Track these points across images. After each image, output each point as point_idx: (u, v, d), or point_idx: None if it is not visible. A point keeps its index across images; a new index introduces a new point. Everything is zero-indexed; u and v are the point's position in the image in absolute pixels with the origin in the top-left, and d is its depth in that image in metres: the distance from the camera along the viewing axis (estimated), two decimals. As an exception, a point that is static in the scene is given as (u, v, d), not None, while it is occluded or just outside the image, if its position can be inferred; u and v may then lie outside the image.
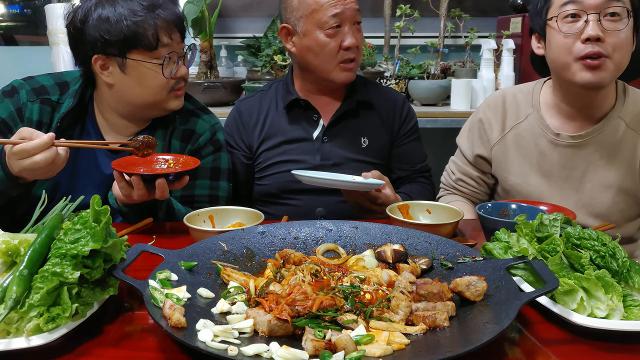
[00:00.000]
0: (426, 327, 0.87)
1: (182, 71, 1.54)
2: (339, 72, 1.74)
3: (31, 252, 0.89)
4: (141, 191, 1.34)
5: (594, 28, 1.42)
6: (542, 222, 1.09)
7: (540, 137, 1.64)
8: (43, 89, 1.57)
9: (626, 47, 1.45)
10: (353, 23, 1.71)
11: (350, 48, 1.70)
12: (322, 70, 1.74)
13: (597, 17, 1.42)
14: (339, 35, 1.69)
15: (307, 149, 1.80)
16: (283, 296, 0.91)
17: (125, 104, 1.57)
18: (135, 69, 1.48)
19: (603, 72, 1.45)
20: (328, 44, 1.69)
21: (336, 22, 1.68)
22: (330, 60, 1.71)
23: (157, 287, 0.91)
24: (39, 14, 3.53)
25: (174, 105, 1.57)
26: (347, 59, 1.72)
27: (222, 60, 3.30)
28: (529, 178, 1.67)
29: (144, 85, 1.50)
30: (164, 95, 1.53)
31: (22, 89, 1.56)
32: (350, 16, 1.69)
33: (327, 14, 1.67)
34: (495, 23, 3.15)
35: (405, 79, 2.77)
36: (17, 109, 1.54)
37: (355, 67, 1.76)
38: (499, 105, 1.73)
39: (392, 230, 1.21)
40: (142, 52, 1.46)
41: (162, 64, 1.47)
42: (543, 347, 0.86)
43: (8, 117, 1.53)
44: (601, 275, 0.92)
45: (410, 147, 1.91)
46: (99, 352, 0.84)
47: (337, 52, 1.71)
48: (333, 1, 1.67)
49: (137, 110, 1.58)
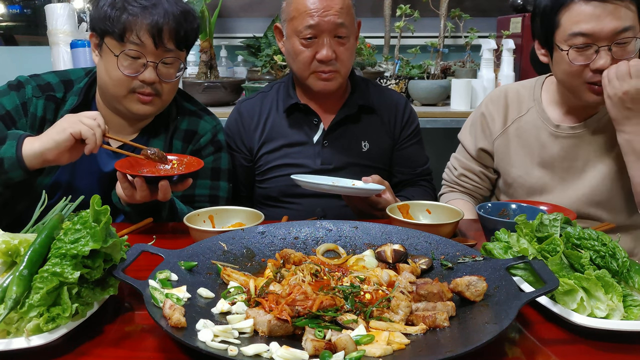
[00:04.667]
0: (426, 327, 0.87)
1: (146, 75, 1.48)
2: (315, 81, 1.72)
3: (31, 252, 0.89)
4: (144, 192, 1.35)
5: (605, 59, 1.44)
6: (542, 222, 1.09)
7: (542, 130, 1.66)
8: (48, 86, 1.58)
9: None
10: (333, 36, 1.66)
11: (325, 61, 1.67)
12: (299, 75, 1.75)
13: (608, 47, 1.44)
14: (314, 46, 1.66)
15: (307, 153, 1.79)
16: (283, 296, 0.91)
17: (102, 92, 1.58)
18: (106, 54, 1.49)
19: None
20: (302, 53, 1.68)
21: (311, 34, 1.65)
22: (304, 68, 1.70)
23: (157, 287, 0.91)
24: (39, 14, 3.54)
25: (135, 108, 1.53)
26: (321, 70, 1.69)
27: (222, 60, 3.30)
28: (531, 170, 1.68)
29: (108, 74, 1.50)
30: (124, 92, 1.51)
31: (29, 84, 1.57)
32: (327, 29, 1.64)
33: (303, 23, 1.64)
34: (495, 23, 3.16)
35: (405, 79, 2.77)
36: (22, 103, 1.54)
37: (334, 77, 1.71)
38: (501, 99, 1.75)
39: (392, 230, 1.21)
40: (112, 40, 1.47)
41: (117, 56, 1.46)
42: (543, 347, 0.86)
43: (13, 110, 1.53)
44: (601, 275, 0.92)
45: (412, 150, 1.90)
46: (99, 352, 0.84)
47: (311, 63, 1.68)
48: (311, 11, 1.63)
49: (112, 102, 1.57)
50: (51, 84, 1.59)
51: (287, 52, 1.75)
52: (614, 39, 1.43)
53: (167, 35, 1.48)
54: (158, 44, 1.47)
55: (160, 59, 1.49)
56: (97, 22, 1.49)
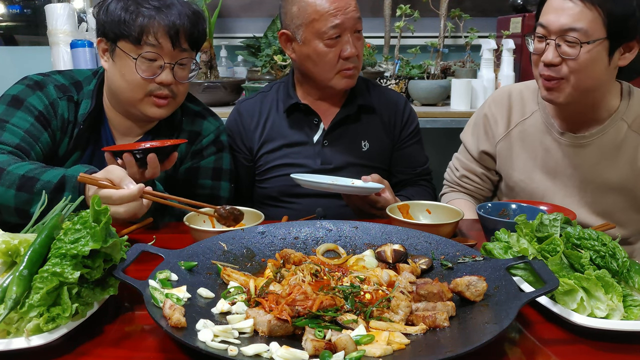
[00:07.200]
0: (426, 327, 0.87)
1: (163, 77, 1.49)
2: (339, 80, 1.72)
3: (31, 252, 0.89)
4: (133, 169, 1.34)
5: (551, 54, 1.44)
6: (542, 222, 1.09)
7: (545, 135, 1.65)
8: (64, 86, 1.57)
9: (585, 70, 1.43)
10: (353, 32, 1.68)
11: (350, 58, 1.68)
12: (321, 78, 1.73)
13: (556, 42, 1.43)
14: (339, 45, 1.67)
15: (307, 153, 1.79)
16: (283, 296, 0.91)
17: (113, 96, 1.57)
18: (121, 58, 1.49)
19: (558, 93, 1.49)
20: (327, 54, 1.67)
21: (336, 33, 1.65)
22: (330, 69, 1.70)
23: (157, 287, 0.90)
24: (39, 14, 3.53)
25: (151, 111, 1.53)
26: (346, 68, 1.70)
27: (222, 60, 3.30)
28: (533, 175, 1.67)
29: (124, 78, 1.50)
30: (140, 95, 1.50)
31: (49, 83, 1.55)
32: (350, 26, 1.66)
33: (327, 24, 1.63)
34: (495, 23, 3.16)
35: (405, 79, 2.77)
36: (50, 103, 1.53)
37: (355, 74, 1.74)
38: (504, 101, 1.73)
39: (392, 230, 1.21)
40: (128, 43, 1.46)
41: (135, 59, 1.46)
42: (543, 347, 0.86)
43: (45, 110, 1.52)
44: (601, 275, 0.92)
45: (412, 150, 1.90)
46: (99, 352, 0.84)
47: (337, 62, 1.69)
48: (333, 11, 1.63)
49: (124, 106, 1.57)
50: (66, 85, 1.58)
51: (306, 56, 1.71)
52: (561, 34, 1.42)
53: (183, 36, 1.49)
54: (175, 44, 1.47)
55: (176, 60, 1.50)
56: (109, 27, 1.47)
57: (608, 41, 1.41)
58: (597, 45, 1.40)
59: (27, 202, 1.30)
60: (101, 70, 1.62)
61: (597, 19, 1.39)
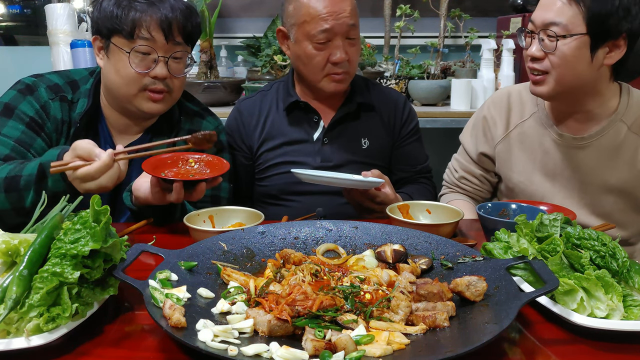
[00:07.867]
0: (426, 327, 0.87)
1: (157, 71, 1.49)
2: (328, 83, 1.72)
3: (31, 252, 0.89)
4: (180, 195, 1.34)
5: (535, 47, 1.48)
6: (542, 222, 1.09)
7: (545, 136, 1.65)
8: (57, 86, 1.57)
9: (565, 65, 1.45)
10: (345, 37, 1.67)
11: (339, 63, 1.67)
12: (310, 79, 1.74)
13: (539, 37, 1.46)
14: (328, 49, 1.66)
15: (307, 151, 1.80)
16: (283, 296, 0.91)
17: (109, 93, 1.57)
18: (115, 54, 1.49)
19: (542, 86, 1.51)
20: (315, 57, 1.67)
21: (325, 38, 1.64)
22: (317, 71, 1.70)
23: (157, 287, 0.90)
24: (39, 14, 3.54)
25: (146, 107, 1.53)
26: (334, 73, 1.69)
27: (222, 60, 3.30)
28: (533, 177, 1.67)
29: (118, 73, 1.50)
30: (135, 90, 1.50)
31: (39, 86, 1.55)
32: (341, 32, 1.65)
33: (316, 27, 1.63)
34: (495, 23, 3.16)
35: (405, 79, 2.77)
36: (41, 107, 1.53)
37: (345, 78, 1.73)
38: (503, 103, 1.73)
39: (392, 230, 1.21)
40: (121, 38, 1.47)
41: (128, 53, 1.46)
42: (543, 347, 0.86)
43: (36, 115, 1.52)
44: (601, 275, 0.92)
45: (411, 148, 1.90)
46: (99, 352, 0.84)
47: (324, 65, 1.68)
48: (325, 15, 1.62)
49: (121, 103, 1.57)
50: (59, 85, 1.58)
51: (297, 56, 1.73)
52: (542, 28, 1.45)
53: (176, 29, 1.49)
54: (168, 37, 1.48)
55: (170, 54, 1.50)
56: (102, 23, 1.48)
57: (589, 37, 1.42)
58: (575, 39, 1.42)
59: (19, 200, 1.33)
60: (98, 69, 1.62)
61: (578, 15, 1.41)
